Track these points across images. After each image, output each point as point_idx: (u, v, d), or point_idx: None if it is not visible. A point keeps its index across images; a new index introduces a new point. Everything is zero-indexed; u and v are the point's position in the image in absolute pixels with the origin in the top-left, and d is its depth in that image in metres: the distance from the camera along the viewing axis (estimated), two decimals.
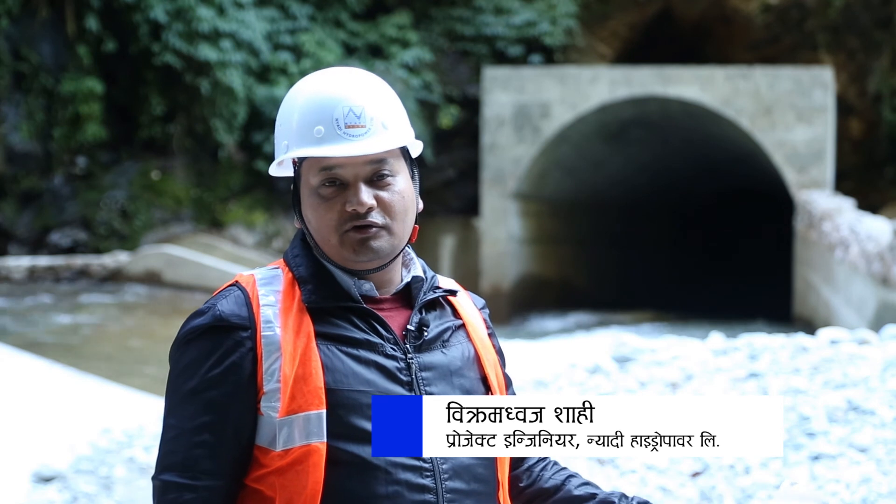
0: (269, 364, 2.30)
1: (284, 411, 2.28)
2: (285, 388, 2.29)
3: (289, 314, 2.34)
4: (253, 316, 2.33)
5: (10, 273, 20.93)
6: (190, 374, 2.33)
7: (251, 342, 2.31)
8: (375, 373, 2.33)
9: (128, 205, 23.35)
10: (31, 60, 22.94)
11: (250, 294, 2.36)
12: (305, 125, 2.38)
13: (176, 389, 2.34)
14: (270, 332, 2.32)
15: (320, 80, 2.42)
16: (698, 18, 27.49)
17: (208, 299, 2.41)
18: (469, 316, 2.56)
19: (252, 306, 2.34)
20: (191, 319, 2.37)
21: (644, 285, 27.99)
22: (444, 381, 2.38)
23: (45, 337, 15.54)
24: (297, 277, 2.39)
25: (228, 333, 2.32)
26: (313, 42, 24.18)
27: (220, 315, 2.33)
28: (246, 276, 2.42)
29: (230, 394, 2.30)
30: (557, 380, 8.84)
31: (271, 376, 2.30)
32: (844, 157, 25.52)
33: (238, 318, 2.33)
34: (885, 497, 6.12)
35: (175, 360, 2.37)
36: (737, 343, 8.94)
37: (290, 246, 2.47)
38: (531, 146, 23.97)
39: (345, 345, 2.33)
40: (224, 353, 2.31)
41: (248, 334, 2.32)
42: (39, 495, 7.49)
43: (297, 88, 2.44)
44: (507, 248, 24.36)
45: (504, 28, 25.56)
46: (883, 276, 15.75)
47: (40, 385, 10.61)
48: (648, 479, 6.84)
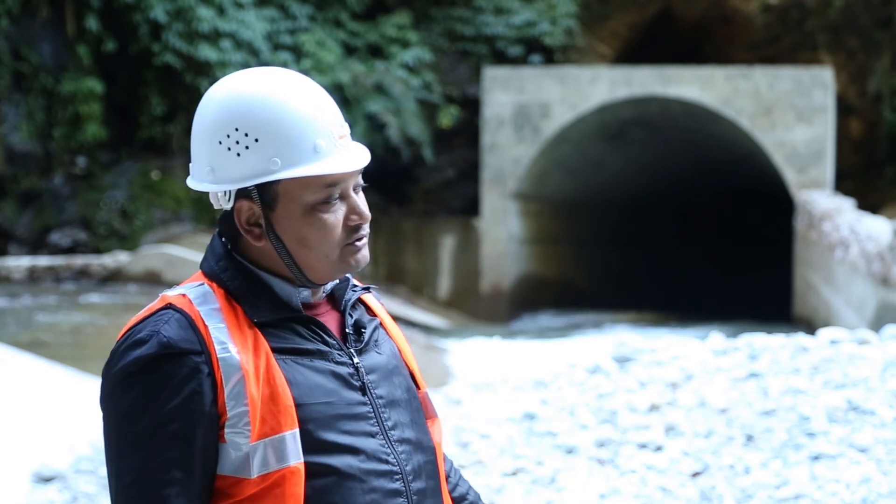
0: (231, 387, 2.15)
1: (257, 435, 2.15)
2: (254, 411, 2.15)
3: (238, 333, 2.19)
4: (203, 338, 2.16)
5: (10, 273, 20.93)
6: (141, 412, 2.14)
7: (207, 367, 2.15)
8: (333, 381, 2.23)
9: (128, 205, 23.35)
10: (31, 60, 22.94)
11: (192, 315, 2.19)
12: (303, 139, 2.20)
13: (125, 431, 2.14)
14: (227, 354, 2.16)
15: (287, 86, 2.22)
16: (698, 18, 27.49)
17: (135, 326, 2.20)
18: (379, 311, 2.44)
19: (199, 328, 2.17)
20: (127, 351, 2.16)
21: (644, 285, 27.98)
22: (387, 381, 2.31)
23: (45, 337, 15.54)
24: (233, 292, 2.23)
25: (180, 360, 2.14)
26: (313, 42, 24.18)
27: (168, 342, 2.15)
28: (174, 296, 2.23)
29: (193, 424, 2.13)
30: (557, 380, 8.84)
31: (236, 400, 2.15)
32: (844, 157, 25.51)
33: (188, 343, 2.15)
34: (885, 497, 6.12)
35: (118, 398, 2.16)
36: (737, 343, 8.94)
37: (209, 259, 2.29)
38: (531, 146, 23.97)
39: (299, 357, 2.22)
40: (180, 383, 2.13)
41: (202, 359, 2.15)
42: (39, 495, 7.49)
43: (263, 94, 2.20)
44: (507, 248, 24.36)
45: (504, 28, 25.55)
46: (883, 276, 15.75)
47: (40, 385, 10.61)
48: (648, 479, 6.84)
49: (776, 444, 6.97)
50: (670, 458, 7.04)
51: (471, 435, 7.89)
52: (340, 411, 2.22)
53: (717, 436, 7.23)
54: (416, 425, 2.34)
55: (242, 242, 2.28)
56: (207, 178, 2.26)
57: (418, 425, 2.35)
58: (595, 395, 8.25)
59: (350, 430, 2.22)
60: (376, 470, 2.23)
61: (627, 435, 7.47)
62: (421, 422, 2.36)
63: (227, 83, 2.25)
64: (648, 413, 7.77)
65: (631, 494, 6.68)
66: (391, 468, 2.25)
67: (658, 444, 7.27)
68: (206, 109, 2.24)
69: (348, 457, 2.21)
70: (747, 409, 7.50)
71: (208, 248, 2.32)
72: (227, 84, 2.25)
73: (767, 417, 7.34)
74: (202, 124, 2.24)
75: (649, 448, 7.26)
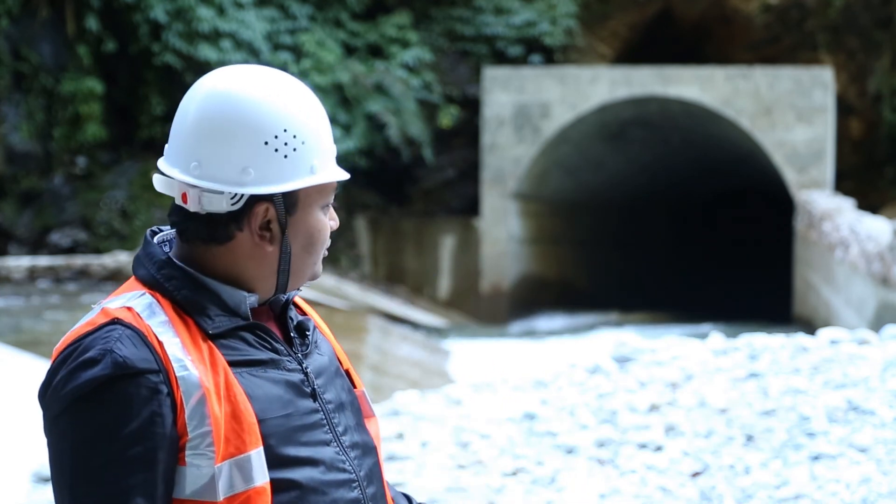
0: (191, 407, 2.05)
1: (221, 456, 2.06)
2: (218, 431, 2.05)
3: (193, 347, 2.09)
4: (159, 356, 2.05)
5: (10, 273, 20.93)
6: (98, 437, 2.02)
7: (166, 386, 2.04)
8: (288, 391, 2.16)
9: (128, 205, 23.35)
10: (31, 60, 22.94)
11: (143, 331, 2.06)
12: (328, 143, 2.18)
13: (81, 457, 2.02)
14: (185, 372, 2.05)
15: (296, 89, 2.18)
16: (698, 18, 27.49)
17: (78, 342, 2.07)
18: (308, 309, 2.35)
19: (153, 345, 2.05)
20: (78, 371, 2.03)
21: (644, 285, 27.99)
22: (331, 384, 2.25)
23: (45, 337, 15.54)
24: (181, 303, 2.13)
25: (137, 380, 2.03)
26: (313, 42, 24.18)
27: (123, 361, 2.02)
28: (119, 310, 2.10)
29: (155, 448, 2.03)
30: (557, 380, 8.84)
31: (198, 420, 2.05)
32: (844, 157, 25.52)
33: (144, 362, 2.03)
34: (885, 497, 6.12)
35: (70, 422, 2.04)
36: (737, 343, 8.95)
37: (147, 265, 2.17)
38: (531, 146, 23.97)
39: (254, 368, 2.13)
40: (139, 404, 2.02)
41: (160, 378, 2.04)
42: (39, 495, 7.49)
43: (300, 96, 2.17)
44: (507, 248, 24.36)
45: (504, 28, 25.56)
46: (883, 276, 15.75)
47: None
48: (648, 479, 6.84)
49: (776, 444, 6.97)
50: (670, 458, 7.04)
51: (471, 435, 7.89)
52: (297, 422, 2.15)
53: (717, 436, 7.23)
54: (360, 427, 2.28)
55: (194, 248, 2.17)
56: (239, 179, 2.12)
57: (362, 427, 2.28)
58: (595, 395, 8.26)
59: (308, 440, 2.16)
60: (336, 480, 2.17)
61: (627, 435, 7.47)
62: (362, 423, 2.30)
63: (247, 82, 2.15)
64: (648, 413, 7.77)
65: (631, 494, 6.68)
66: (349, 476, 2.20)
67: (658, 444, 7.27)
68: (240, 108, 2.12)
69: (309, 469, 2.14)
70: (747, 409, 7.50)
71: (143, 254, 2.18)
72: (253, 83, 2.15)
73: (767, 417, 7.34)
74: (236, 123, 2.12)
75: (649, 448, 7.26)
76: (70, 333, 2.12)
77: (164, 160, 2.18)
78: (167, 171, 2.16)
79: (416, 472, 7.35)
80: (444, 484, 7.12)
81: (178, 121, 2.17)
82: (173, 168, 2.15)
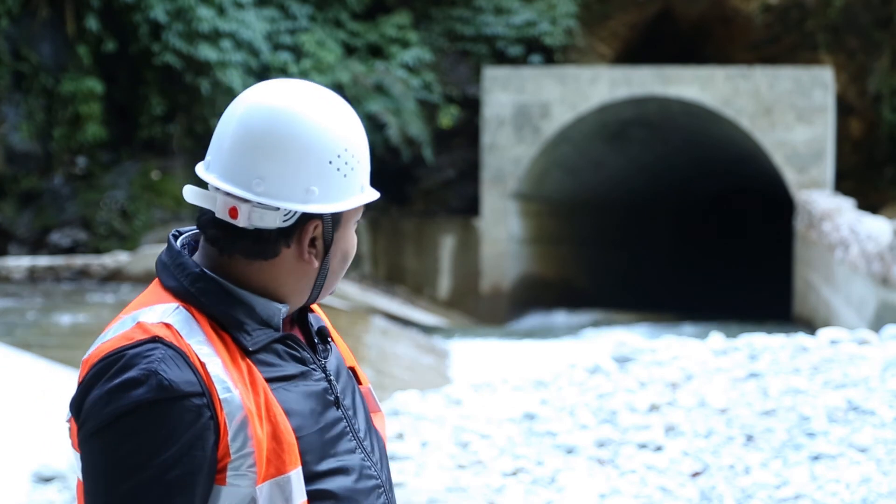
0: (235, 430, 2.04)
1: (263, 477, 2.05)
2: (260, 453, 2.05)
3: (233, 366, 2.08)
4: (202, 378, 2.03)
5: (10, 273, 20.93)
6: (141, 458, 2.01)
7: (209, 410, 2.03)
8: (318, 403, 2.16)
9: (128, 205, 23.35)
10: (31, 60, 22.94)
11: (185, 351, 2.05)
12: (368, 162, 2.22)
13: (123, 477, 2.01)
14: (228, 394, 2.04)
15: (348, 109, 2.20)
16: (698, 18, 27.49)
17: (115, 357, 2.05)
18: (317, 308, 2.34)
19: (196, 367, 2.04)
20: (121, 391, 2.01)
21: (644, 285, 27.98)
22: (346, 387, 2.25)
23: (45, 337, 15.53)
24: (219, 318, 2.11)
25: (182, 404, 2.01)
26: (313, 42, 24.18)
27: (169, 384, 2.01)
28: (158, 326, 2.07)
29: (194, 471, 2.02)
30: (557, 380, 8.84)
31: (241, 442, 2.04)
32: (844, 157, 25.52)
33: (188, 385, 2.02)
34: (885, 497, 6.12)
35: (112, 440, 2.02)
36: (737, 343, 8.95)
37: (179, 278, 2.14)
38: (531, 146, 23.97)
39: (288, 383, 2.13)
40: (182, 428, 2.01)
41: (203, 401, 2.02)
42: (39, 495, 7.49)
43: (353, 117, 2.19)
44: (507, 248, 24.36)
45: (504, 28, 25.56)
46: (883, 276, 15.75)
47: (40, 385, 10.61)
48: (648, 479, 6.84)
49: (776, 444, 6.97)
50: (670, 458, 7.04)
51: (471, 435, 7.89)
52: (329, 434, 2.16)
53: (717, 436, 7.23)
54: (372, 428, 2.27)
55: (233, 261, 2.15)
56: (303, 197, 2.12)
57: (373, 428, 2.27)
58: (595, 395, 8.25)
59: (338, 450, 2.16)
60: (366, 488, 2.18)
61: (627, 435, 7.47)
62: (371, 423, 2.28)
63: (307, 100, 2.15)
64: (648, 413, 7.77)
65: (631, 494, 6.68)
66: (376, 482, 2.20)
67: (658, 444, 7.27)
68: (307, 127, 2.13)
69: (341, 478, 2.15)
70: (747, 409, 7.50)
71: (173, 266, 2.15)
72: (313, 102, 2.16)
73: (767, 417, 7.34)
74: (304, 143, 2.12)
75: (649, 448, 7.26)
76: (103, 345, 2.09)
77: (210, 173, 2.15)
78: (220, 184, 2.13)
79: (416, 472, 7.34)
80: (444, 484, 7.12)
81: (231, 135, 2.14)
82: (227, 183, 2.13)
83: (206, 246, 2.18)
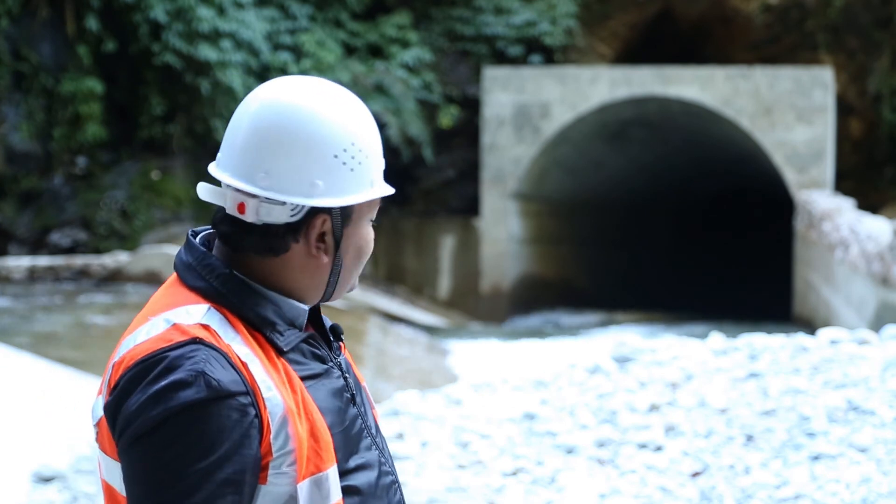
0: (277, 428, 2.06)
1: (303, 475, 2.08)
2: (301, 451, 2.07)
3: (271, 365, 2.10)
4: (245, 377, 2.05)
5: (10, 273, 20.93)
6: (191, 458, 2.02)
7: (254, 409, 2.05)
8: (341, 401, 2.17)
9: (128, 205, 23.35)
10: (31, 60, 22.94)
11: (227, 352, 2.06)
12: (381, 158, 2.21)
13: (173, 478, 2.02)
14: (270, 393, 2.06)
15: (357, 104, 2.20)
16: (698, 18, 27.49)
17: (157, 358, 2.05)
18: None
19: (239, 367, 2.05)
20: (169, 392, 2.02)
21: (644, 285, 27.99)
22: (361, 391, 2.25)
23: (45, 337, 15.54)
24: (252, 319, 2.12)
25: (230, 403, 2.03)
26: (313, 42, 24.18)
27: (217, 384, 2.02)
28: (193, 327, 2.07)
29: (244, 469, 2.03)
30: (557, 380, 8.84)
31: (283, 441, 2.06)
32: (844, 157, 25.52)
33: (235, 384, 2.03)
34: (885, 497, 6.12)
35: (161, 442, 2.03)
36: (737, 343, 8.94)
37: (208, 278, 2.15)
38: (531, 146, 23.98)
39: (315, 381, 2.15)
40: (231, 427, 2.03)
41: (248, 401, 2.04)
42: (39, 495, 7.49)
43: (364, 112, 2.19)
44: (507, 248, 24.36)
45: (504, 28, 25.56)
46: (883, 276, 15.75)
47: (40, 385, 10.61)
48: (648, 479, 6.84)
49: (776, 444, 6.97)
50: (670, 458, 7.04)
51: (471, 435, 7.89)
52: (352, 431, 2.17)
53: (717, 436, 7.23)
54: (377, 425, 2.27)
55: (247, 259, 2.16)
56: (308, 191, 2.12)
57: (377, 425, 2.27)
58: (595, 395, 8.25)
59: (360, 447, 2.18)
60: (386, 483, 2.20)
61: (627, 435, 7.47)
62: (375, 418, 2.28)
63: (314, 95, 2.15)
64: (648, 413, 7.77)
65: (631, 494, 6.69)
66: (392, 478, 2.23)
67: (658, 444, 7.27)
68: (311, 121, 2.12)
69: (366, 473, 2.17)
70: (747, 409, 7.50)
71: (200, 266, 2.16)
72: (320, 96, 2.15)
73: (767, 417, 7.34)
74: (307, 136, 2.12)
75: (649, 448, 7.26)
76: (136, 347, 2.08)
77: (221, 170, 2.18)
78: (227, 180, 2.16)
79: (416, 472, 7.35)
80: (444, 484, 7.12)
81: (241, 131, 2.16)
82: (235, 178, 2.15)
83: (219, 245, 2.20)
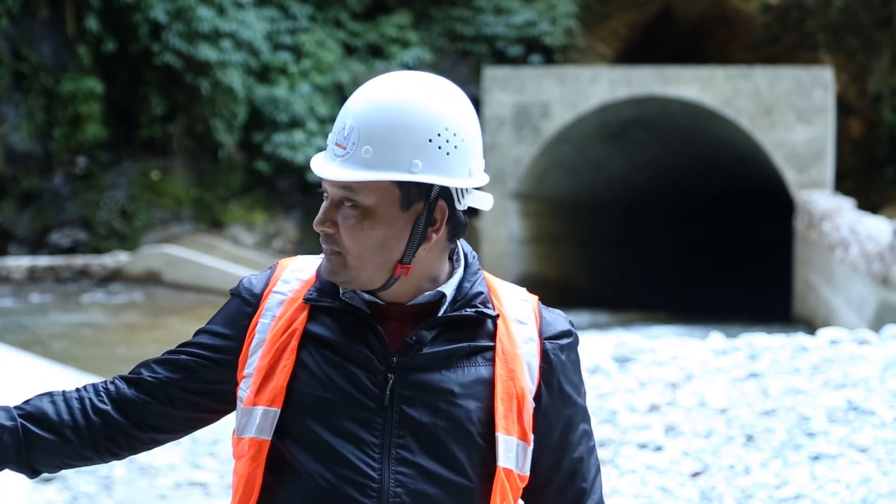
0: (252, 348, 2.28)
1: (250, 401, 2.26)
2: (257, 378, 2.26)
3: (290, 306, 2.29)
4: (262, 298, 2.32)
5: (10, 273, 20.93)
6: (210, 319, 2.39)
7: (248, 320, 2.31)
8: (347, 382, 2.21)
9: (128, 205, 23.35)
10: (31, 60, 22.95)
11: (274, 276, 2.34)
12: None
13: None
14: (266, 320, 2.29)
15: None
16: (698, 18, 27.50)
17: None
18: (506, 340, 2.33)
19: (267, 288, 2.33)
20: None
21: (644, 285, 27.99)
22: (427, 403, 2.21)
23: (45, 337, 15.54)
24: (318, 271, 2.32)
25: (240, 301, 2.33)
26: (313, 42, 24.18)
27: (244, 285, 2.35)
28: (290, 258, 2.39)
29: (220, 334, 2.33)
30: None
31: (251, 363, 2.28)
32: (844, 157, 25.52)
33: (251, 295, 2.33)
34: (885, 497, 6.12)
35: None
36: (737, 343, 8.94)
37: None
38: (531, 146, 23.98)
39: (327, 348, 2.23)
40: (234, 315, 2.33)
41: (250, 311, 2.31)
42: (39, 495, 7.49)
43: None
44: (507, 248, 24.36)
45: (504, 28, 25.56)
46: (883, 276, 15.75)
47: (40, 385, 10.61)
48: (648, 479, 6.84)
49: (776, 444, 6.97)
50: (670, 458, 7.04)
51: None
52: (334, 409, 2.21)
53: (717, 436, 7.23)
54: (441, 462, 2.22)
55: None
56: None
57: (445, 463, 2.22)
58: (595, 394, 8.25)
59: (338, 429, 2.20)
60: (351, 478, 2.18)
61: (627, 435, 7.47)
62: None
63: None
64: (648, 413, 7.77)
65: (631, 494, 6.68)
66: (369, 482, 2.18)
67: (658, 444, 7.27)
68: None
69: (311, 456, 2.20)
70: (747, 409, 7.50)
71: None
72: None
73: (767, 417, 7.34)
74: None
75: (649, 448, 7.26)
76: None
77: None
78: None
79: None
80: None
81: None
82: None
83: None
